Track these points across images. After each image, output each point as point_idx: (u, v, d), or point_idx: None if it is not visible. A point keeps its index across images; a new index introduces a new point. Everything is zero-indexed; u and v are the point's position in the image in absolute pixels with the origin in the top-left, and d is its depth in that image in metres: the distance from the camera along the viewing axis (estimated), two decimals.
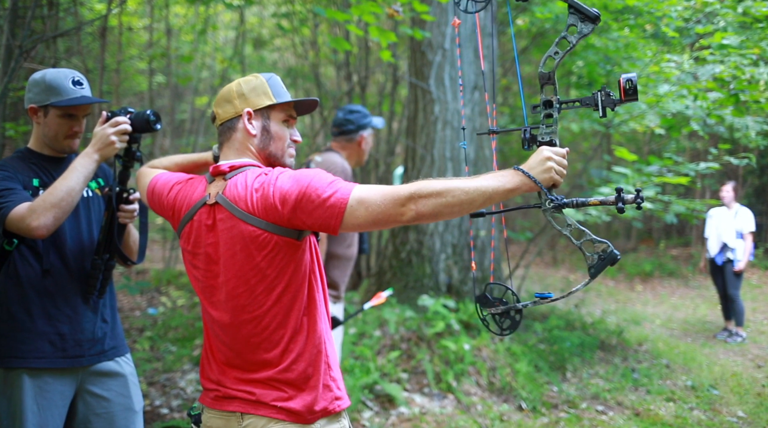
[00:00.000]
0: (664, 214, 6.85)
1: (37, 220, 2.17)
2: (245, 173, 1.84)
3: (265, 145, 1.93)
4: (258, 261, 1.76)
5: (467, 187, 1.62)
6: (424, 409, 4.83)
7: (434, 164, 6.46)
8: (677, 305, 10.08)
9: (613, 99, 1.75)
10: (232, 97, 1.93)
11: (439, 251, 6.37)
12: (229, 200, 1.80)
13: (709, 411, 5.25)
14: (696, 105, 6.73)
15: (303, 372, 1.79)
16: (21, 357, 2.33)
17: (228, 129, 1.93)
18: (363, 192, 1.66)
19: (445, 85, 6.47)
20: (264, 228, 1.74)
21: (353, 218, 1.65)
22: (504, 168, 1.73)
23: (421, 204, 1.61)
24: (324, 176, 1.71)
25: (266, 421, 1.78)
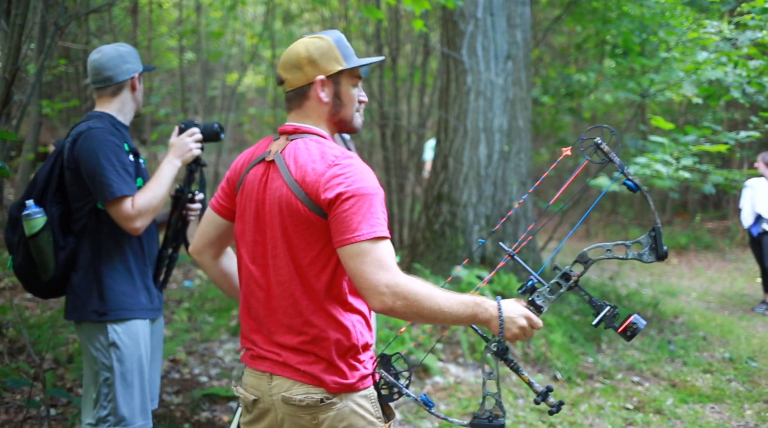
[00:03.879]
0: (702, 184, 6.73)
1: (141, 222, 2.50)
2: (306, 140, 1.83)
3: (336, 111, 1.90)
4: (290, 229, 1.77)
5: (446, 309, 1.68)
6: (458, 379, 4.86)
7: (467, 135, 6.42)
8: (713, 279, 9.94)
9: (614, 324, 1.83)
10: (302, 63, 1.85)
11: (473, 222, 6.36)
12: (284, 161, 1.80)
13: (748, 382, 5.20)
14: (735, 73, 6.57)
15: (325, 346, 1.78)
16: (130, 309, 2.58)
17: (298, 96, 1.89)
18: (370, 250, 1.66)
19: (478, 55, 6.40)
20: (301, 199, 1.74)
21: (344, 255, 1.67)
22: (537, 140, 1.74)
23: (399, 305, 1.63)
24: (376, 214, 1.70)
25: (291, 383, 1.80)
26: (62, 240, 2.55)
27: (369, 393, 1.84)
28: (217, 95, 13.06)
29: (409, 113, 10.19)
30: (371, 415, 1.83)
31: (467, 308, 1.72)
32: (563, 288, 1.85)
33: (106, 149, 2.47)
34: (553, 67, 10.51)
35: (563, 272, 1.85)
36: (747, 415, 4.50)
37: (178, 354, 5.01)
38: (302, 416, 1.79)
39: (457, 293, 1.72)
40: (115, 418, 2.54)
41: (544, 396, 1.82)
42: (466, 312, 1.71)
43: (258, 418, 1.90)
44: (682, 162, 5.94)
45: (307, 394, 1.78)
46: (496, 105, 6.43)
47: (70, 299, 2.60)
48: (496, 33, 6.42)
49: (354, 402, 1.80)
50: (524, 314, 1.79)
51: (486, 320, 1.75)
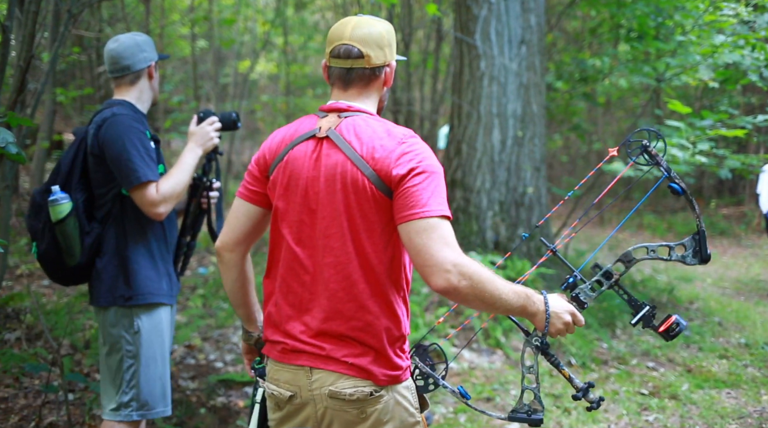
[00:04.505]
0: (718, 169, 6.67)
1: (165, 208, 2.52)
2: (363, 117, 1.79)
3: (385, 96, 1.95)
4: (354, 206, 1.71)
5: (504, 296, 1.64)
6: (473, 364, 4.86)
7: (480, 120, 6.38)
8: (729, 265, 9.87)
9: (654, 324, 1.82)
10: (384, 43, 1.83)
11: (486, 208, 6.33)
12: (343, 137, 1.74)
13: (764, 368, 5.16)
14: (753, 56, 6.48)
15: (377, 334, 1.73)
16: (156, 294, 2.61)
17: (373, 75, 1.85)
18: (438, 226, 1.60)
19: (491, 40, 6.35)
20: (368, 176, 1.69)
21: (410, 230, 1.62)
22: (551, 125, 1.73)
23: (464, 284, 1.57)
24: (443, 193, 1.67)
25: (336, 377, 1.73)
26: (87, 226, 2.57)
27: (410, 384, 1.82)
28: (230, 83, 13.05)
29: (422, 99, 10.15)
30: (412, 406, 1.80)
31: (519, 298, 1.68)
32: (604, 286, 1.85)
33: (131, 135, 2.49)
34: (567, 52, 10.42)
35: (605, 270, 1.85)
36: (764, 400, 4.48)
37: (193, 339, 5.04)
38: (349, 410, 1.74)
39: (511, 283, 1.69)
40: (137, 403, 2.57)
41: (584, 392, 1.81)
42: (518, 303, 1.68)
43: (292, 414, 1.84)
44: (698, 147, 5.88)
45: (356, 388, 1.72)
46: (509, 90, 6.39)
47: (96, 285, 2.61)
48: (510, 17, 6.36)
49: (398, 394, 1.77)
50: (569, 310, 1.78)
51: (533, 313, 1.72)
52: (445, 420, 4.05)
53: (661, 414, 4.23)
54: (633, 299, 1.84)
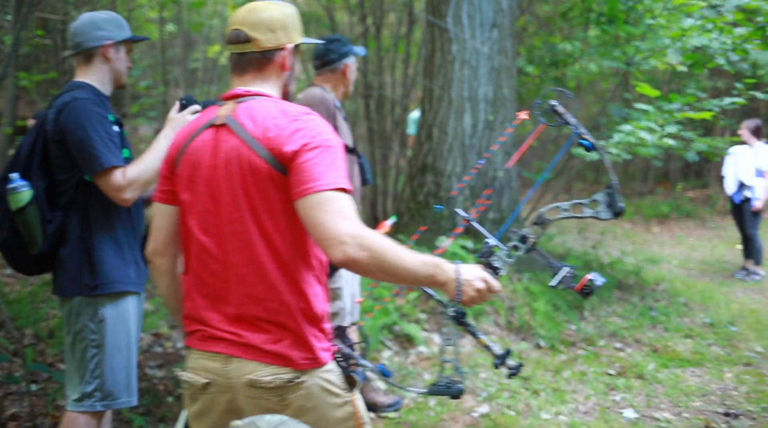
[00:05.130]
0: (686, 152, 6.75)
1: (131, 193, 2.45)
2: (259, 100, 1.78)
3: (289, 82, 1.92)
4: (251, 188, 1.70)
5: (408, 265, 1.61)
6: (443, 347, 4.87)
7: (452, 105, 6.37)
8: (694, 246, 10.04)
9: (572, 284, 1.80)
10: (276, 26, 1.82)
11: (457, 192, 6.34)
12: (238, 122, 1.73)
13: (728, 346, 5.28)
14: (720, 40, 6.54)
15: (291, 313, 1.71)
16: (122, 282, 2.55)
17: (264, 59, 1.84)
18: (333, 199, 1.60)
19: (463, 24, 6.33)
20: (263, 156, 1.68)
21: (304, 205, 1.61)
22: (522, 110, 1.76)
23: (363, 255, 1.54)
24: (339, 167, 1.67)
25: (255, 365, 1.70)
26: (49, 213, 2.51)
27: (333, 366, 1.79)
28: (199, 68, 12.86)
29: (393, 84, 10.10)
30: (338, 388, 1.78)
31: (427, 267, 1.65)
32: (521, 250, 1.83)
33: (93, 120, 2.42)
34: (539, 36, 10.44)
35: (521, 234, 1.83)
36: (726, 378, 4.58)
37: (161, 328, 4.98)
38: (269, 398, 1.71)
39: (419, 253, 1.67)
40: (101, 393, 2.53)
41: (503, 358, 1.79)
42: (425, 271, 1.65)
43: (208, 407, 1.79)
44: (666, 130, 5.94)
45: (275, 375, 1.69)
46: (481, 74, 6.38)
47: (60, 274, 2.56)
48: (482, 1, 6.34)
49: (321, 379, 1.75)
50: (482, 276, 1.74)
51: (443, 282, 1.68)
52: (415, 404, 4.07)
53: (627, 393, 4.30)
54: (552, 262, 1.82)
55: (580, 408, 4.08)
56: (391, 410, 3.93)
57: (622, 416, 3.98)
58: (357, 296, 3.79)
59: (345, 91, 3.81)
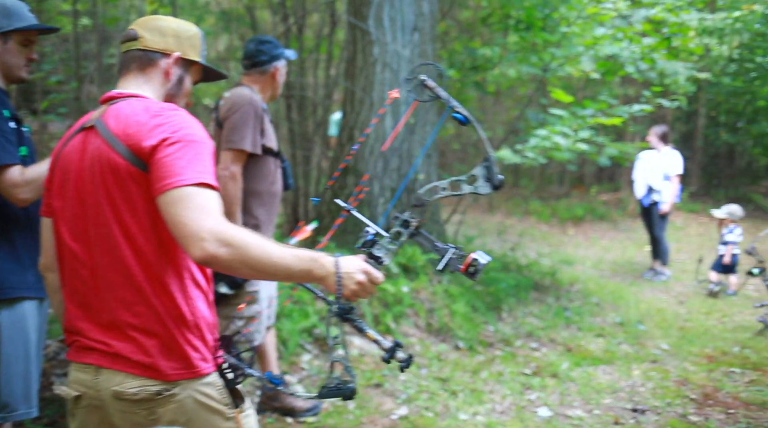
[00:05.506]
0: (598, 156, 7.00)
1: (29, 194, 2.32)
2: (129, 100, 1.73)
3: (174, 93, 1.87)
4: (112, 188, 1.63)
5: (277, 260, 1.53)
6: (362, 350, 4.87)
7: (373, 107, 6.38)
8: (607, 248, 10.43)
9: (458, 266, 1.72)
10: (167, 32, 1.83)
11: (378, 195, 6.36)
12: (104, 123, 1.67)
13: (636, 344, 5.49)
14: (630, 49, 6.83)
15: (160, 318, 1.63)
16: (17, 288, 2.42)
17: (147, 59, 1.81)
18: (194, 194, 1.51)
19: (385, 26, 6.35)
20: (121, 153, 1.61)
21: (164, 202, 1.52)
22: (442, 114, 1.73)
23: (223, 251, 1.46)
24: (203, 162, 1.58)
25: (123, 376, 1.62)
26: None
27: (213, 379, 1.70)
28: (115, 63, 12.41)
29: (316, 85, 10.04)
30: (217, 403, 1.70)
31: (302, 261, 1.57)
32: (404, 236, 1.74)
33: None
34: (460, 41, 10.60)
35: (402, 219, 1.75)
36: (635, 375, 4.76)
37: None
38: (137, 412, 1.62)
39: (293, 248, 1.59)
40: None
41: (392, 352, 1.70)
42: (300, 266, 1.56)
43: (85, 422, 1.72)
44: (579, 134, 6.14)
45: (142, 387, 1.61)
46: (402, 77, 6.42)
47: None
48: (404, 4, 6.38)
49: (197, 391, 1.66)
50: (362, 268, 1.66)
51: (322, 276, 1.60)
52: (333, 407, 4.04)
53: (542, 392, 4.41)
54: (437, 244, 1.74)
55: (497, 408, 4.15)
56: (309, 415, 3.89)
57: (537, 415, 4.07)
58: (274, 299, 3.74)
59: (273, 94, 3.74)
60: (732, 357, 5.11)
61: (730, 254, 7.32)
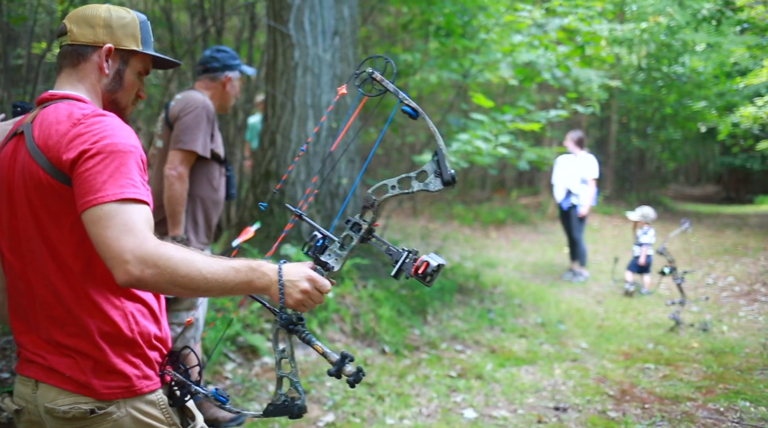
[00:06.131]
0: (517, 161, 7.15)
1: None
2: (57, 104, 1.60)
3: (113, 89, 1.72)
4: (36, 203, 1.53)
5: (209, 275, 1.44)
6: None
7: (295, 111, 6.31)
8: (528, 250, 10.67)
9: (409, 271, 1.61)
10: (97, 22, 1.67)
11: (301, 199, 6.28)
12: (31, 132, 1.56)
13: (557, 344, 5.62)
14: (546, 56, 7.02)
15: (91, 337, 1.55)
16: None
17: (77, 54, 1.68)
18: (115, 212, 1.40)
19: (305, 30, 6.29)
20: (42, 166, 1.51)
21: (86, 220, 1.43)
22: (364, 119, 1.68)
23: (149, 273, 1.38)
24: (128, 174, 1.46)
25: (57, 392, 1.55)
26: None
27: (156, 397, 1.62)
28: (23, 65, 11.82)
29: None
30: (161, 423, 1.61)
31: (239, 273, 1.48)
32: (355, 240, 1.64)
33: None
34: (381, 46, 10.65)
35: (353, 221, 1.65)
36: (556, 374, 4.86)
37: None
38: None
39: (228, 259, 1.51)
40: None
41: (339, 365, 1.58)
42: (237, 278, 1.48)
43: None
44: (500, 139, 6.26)
45: (74, 404, 1.54)
46: (324, 81, 6.37)
47: None
48: (324, 8, 6.34)
49: (137, 410, 1.58)
50: (307, 276, 1.57)
51: (264, 286, 1.52)
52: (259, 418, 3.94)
53: (467, 394, 4.44)
54: (391, 248, 1.64)
55: (424, 411, 4.15)
56: (233, 425, 3.79)
57: (463, 416, 4.09)
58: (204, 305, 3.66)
59: (222, 104, 3.71)
60: (647, 354, 5.30)
61: (645, 254, 7.61)
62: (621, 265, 8.10)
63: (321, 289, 1.59)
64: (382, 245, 1.66)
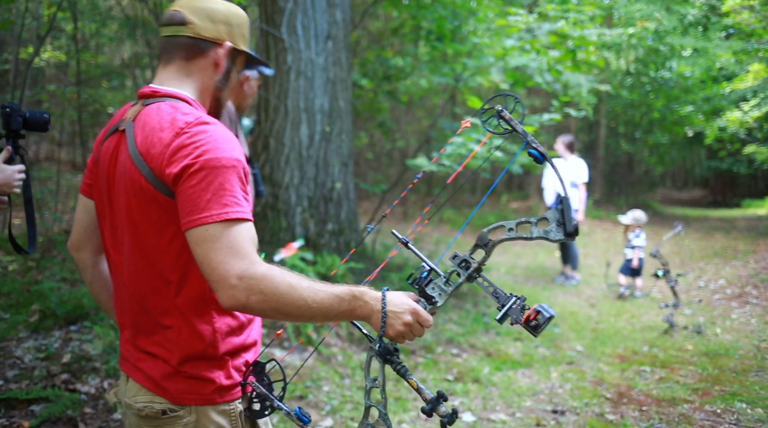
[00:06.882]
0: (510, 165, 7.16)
1: None
2: (160, 104, 1.54)
3: (221, 87, 1.69)
4: (136, 211, 1.50)
5: (314, 304, 1.42)
6: (284, 362, 4.76)
7: (288, 115, 6.29)
8: (519, 254, 10.69)
9: (517, 317, 1.54)
10: (218, 18, 1.62)
11: (295, 204, 6.26)
12: (133, 133, 1.52)
13: (552, 347, 5.62)
14: (538, 60, 7.05)
15: (179, 350, 1.54)
16: None
17: (197, 48, 1.61)
18: (220, 234, 1.38)
19: (298, 34, 6.28)
20: (145, 175, 1.47)
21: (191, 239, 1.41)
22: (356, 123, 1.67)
23: (254, 300, 1.36)
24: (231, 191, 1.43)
25: (138, 389, 1.58)
26: None
27: (231, 407, 1.59)
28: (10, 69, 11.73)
29: None
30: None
31: (342, 302, 1.46)
32: (462, 278, 1.58)
33: None
34: (372, 50, 10.66)
35: (462, 258, 1.58)
36: (553, 377, 4.86)
37: None
38: (144, 427, 1.57)
39: (333, 285, 1.48)
40: None
41: (434, 404, 1.51)
42: (341, 308, 1.45)
43: None
44: (494, 142, 6.26)
45: (149, 403, 1.55)
46: (317, 85, 6.36)
47: None
48: (316, 12, 6.33)
49: (206, 418, 1.56)
50: (411, 308, 1.52)
51: (366, 315, 1.49)
52: None
53: (465, 397, 4.43)
54: (498, 291, 1.57)
55: (422, 415, 4.13)
56: None
57: (462, 420, 4.08)
58: None
59: (240, 103, 3.65)
60: (642, 356, 5.31)
61: (638, 257, 7.64)
62: (613, 268, 8.12)
63: (423, 323, 1.54)
64: (489, 286, 1.58)
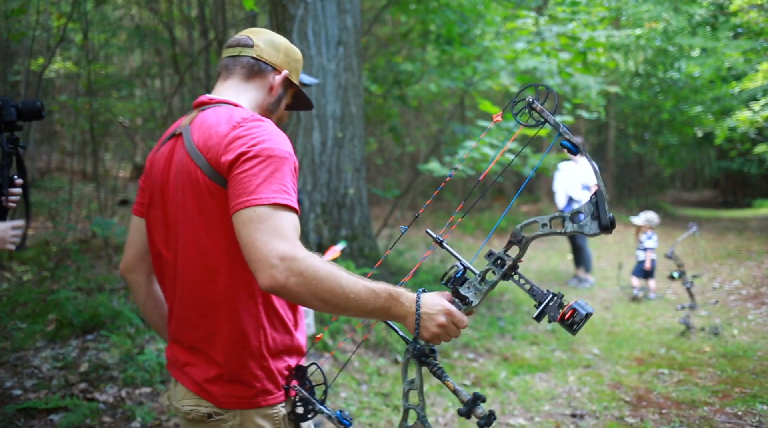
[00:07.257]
0: (522, 167, 7.15)
1: None
2: (216, 107, 1.63)
3: (272, 110, 1.80)
4: (190, 202, 1.55)
5: (352, 295, 1.41)
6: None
7: (300, 121, 6.30)
8: (531, 257, 10.65)
9: (554, 315, 1.50)
10: (281, 48, 1.79)
11: (309, 210, 6.26)
12: (189, 133, 1.59)
13: (569, 351, 5.59)
14: (549, 62, 7.04)
15: (223, 346, 1.56)
16: None
17: (258, 68, 1.75)
18: (268, 216, 1.40)
19: (309, 40, 6.30)
20: (201, 166, 1.52)
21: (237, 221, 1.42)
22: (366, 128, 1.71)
23: (293, 282, 1.35)
24: (282, 180, 1.46)
25: (185, 392, 1.61)
26: None
27: (274, 411, 1.60)
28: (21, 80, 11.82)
29: None
30: None
31: (379, 298, 1.45)
32: (497, 276, 1.54)
33: None
34: (381, 55, 10.68)
35: (497, 256, 1.55)
36: (570, 381, 4.84)
37: None
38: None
39: (370, 281, 1.46)
40: None
41: (470, 406, 1.50)
42: (377, 303, 1.44)
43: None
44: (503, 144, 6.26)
45: (195, 406, 1.58)
46: (328, 91, 6.37)
47: None
48: (327, 18, 6.35)
49: (251, 421, 1.57)
50: (445, 309, 1.51)
51: (401, 315, 1.48)
52: None
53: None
54: (535, 288, 1.53)
55: (440, 421, 4.12)
56: None
57: None
58: None
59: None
60: (660, 359, 5.28)
61: (650, 259, 7.60)
62: (626, 270, 8.08)
63: (458, 324, 1.53)
64: (525, 283, 1.55)
